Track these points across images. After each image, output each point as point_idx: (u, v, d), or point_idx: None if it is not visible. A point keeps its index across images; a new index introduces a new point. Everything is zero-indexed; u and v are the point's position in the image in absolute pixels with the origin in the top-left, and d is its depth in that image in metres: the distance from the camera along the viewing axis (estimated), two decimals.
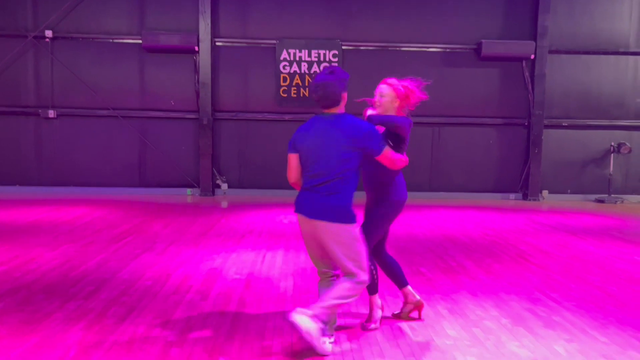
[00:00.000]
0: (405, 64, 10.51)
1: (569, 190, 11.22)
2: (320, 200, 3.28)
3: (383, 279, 3.98)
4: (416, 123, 4.20)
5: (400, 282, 3.92)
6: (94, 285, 4.56)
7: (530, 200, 10.88)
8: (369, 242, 3.54)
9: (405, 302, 3.96)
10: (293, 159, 3.44)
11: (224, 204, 9.71)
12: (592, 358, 3.33)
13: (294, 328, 3.19)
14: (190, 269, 5.13)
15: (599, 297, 4.53)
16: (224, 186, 10.76)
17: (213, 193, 10.67)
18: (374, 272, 3.70)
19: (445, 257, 5.83)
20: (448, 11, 10.77)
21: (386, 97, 3.72)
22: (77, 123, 10.52)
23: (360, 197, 3.53)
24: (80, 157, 10.55)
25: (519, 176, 11.10)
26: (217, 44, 10.60)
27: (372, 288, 3.74)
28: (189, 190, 10.66)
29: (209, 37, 10.39)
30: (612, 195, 10.94)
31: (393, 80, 3.78)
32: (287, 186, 10.43)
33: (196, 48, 10.36)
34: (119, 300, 4.21)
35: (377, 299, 3.81)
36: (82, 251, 5.73)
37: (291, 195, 10.44)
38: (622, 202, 10.87)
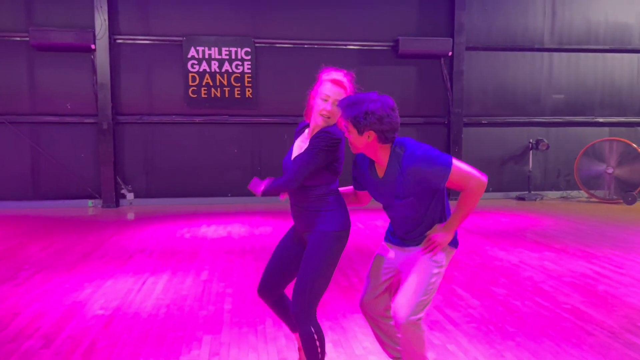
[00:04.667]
0: (321, 62, 9.93)
1: (490, 189, 11.10)
2: None
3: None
4: None
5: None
6: None
7: (450, 200, 10.68)
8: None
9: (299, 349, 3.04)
10: None
11: (130, 216, 8.92)
12: None
13: None
14: (48, 304, 4.41)
15: (500, 315, 4.18)
16: (130, 196, 9.94)
17: (117, 204, 9.83)
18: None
19: (349, 271, 5.38)
20: (364, 8, 10.40)
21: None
22: None
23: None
24: None
25: None
26: (117, 41, 9.75)
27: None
28: (90, 202, 9.77)
29: (107, 34, 9.54)
30: (532, 192, 10.94)
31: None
32: (198, 194, 10.05)
33: (93, 46, 9.48)
34: None
35: None
36: None
37: (204, 204, 9.88)
38: (542, 199, 10.88)
